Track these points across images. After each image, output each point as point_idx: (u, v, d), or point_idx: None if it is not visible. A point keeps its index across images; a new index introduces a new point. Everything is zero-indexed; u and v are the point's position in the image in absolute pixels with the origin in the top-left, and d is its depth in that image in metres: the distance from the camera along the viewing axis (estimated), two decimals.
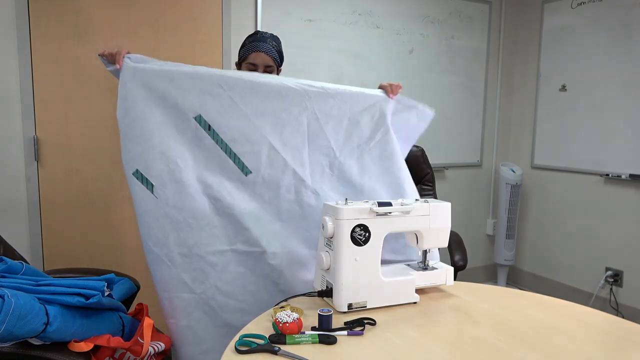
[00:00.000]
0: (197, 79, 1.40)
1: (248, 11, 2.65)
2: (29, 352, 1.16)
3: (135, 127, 1.37)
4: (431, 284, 1.37)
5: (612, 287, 3.02)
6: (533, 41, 3.49)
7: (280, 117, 1.46)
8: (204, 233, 1.41)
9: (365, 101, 1.55)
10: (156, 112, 1.38)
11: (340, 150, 1.52)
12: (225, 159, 1.42)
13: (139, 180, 1.37)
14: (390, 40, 3.10)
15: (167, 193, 1.39)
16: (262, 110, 1.44)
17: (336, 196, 1.51)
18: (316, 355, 1.01)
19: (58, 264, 2.28)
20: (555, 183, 3.36)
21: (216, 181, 1.42)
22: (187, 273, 1.40)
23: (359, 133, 1.54)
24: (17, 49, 2.16)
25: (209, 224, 1.42)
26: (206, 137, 1.40)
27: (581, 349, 1.05)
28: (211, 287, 1.43)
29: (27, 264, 1.37)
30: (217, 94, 1.40)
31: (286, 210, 1.48)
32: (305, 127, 1.48)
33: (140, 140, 1.37)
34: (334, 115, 1.51)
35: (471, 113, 3.50)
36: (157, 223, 1.39)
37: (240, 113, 1.41)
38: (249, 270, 1.46)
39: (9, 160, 2.20)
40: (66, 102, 2.28)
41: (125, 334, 1.38)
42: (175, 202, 1.39)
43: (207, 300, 1.43)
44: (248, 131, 1.43)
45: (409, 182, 1.60)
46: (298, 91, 1.47)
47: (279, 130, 1.45)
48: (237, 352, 1.01)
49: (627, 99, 2.88)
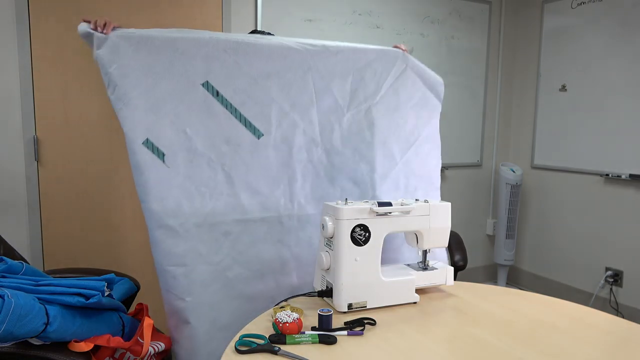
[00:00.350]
0: (202, 45, 1.38)
1: (248, 11, 2.65)
2: (29, 352, 1.16)
3: (142, 98, 1.34)
4: (431, 284, 1.37)
5: (612, 287, 3.02)
6: (533, 41, 3.49)
7: (285, 77, 1.45)
8: (217, 202, 1.39)
9: (367, 56, 1.57)
10: (163, 81, 1.36)
11: (348, 106, 1.53)
12: (237, 123, 1.41)
13: (149, 149, 1.34)
14: (390, 40, 3.10)
15: (179, 162, 1.36)
16: (268, 71, 1.43)
17: (348, 152, 1.51)
18: (316, 355, 1.01)
19: (58, 264, 2.28)
20: (555, 183, 3.36)
21: (229, 149, 1.41)
22: (203, 244, 1.38)
23: (364, 88, 1.56)
24: (17, 49, 2.16)
25: (222, 192, 1.40)
26: (215, 103, 1.39)
27: (581, 349, 1.05)
28: (226, 257, 1.41)
29: (27, 264, 1.37)
30: (222, 59, 1.39)
31: (300, 170, 1.48)
32: (312, 86, 1.49)
33: (149, 112, 1.34)
34: (338, 72, 1.52)
35: (471, 113, 3.50)
36: (170, 193, 1.35)
37: (246, 76, 1.41)
38: (263, 237, 1.45)
39: (9, 160, 2.20)
40: (66, 102, 2.28)
41: (125, 334, 1.38)
42: (187, 171, 1.37)
43: (224, 271, 1.41)
44: (256, 94, 1.42)
45: (417, 133, 1.61)
46: (300, 51, 1.47)
47: (286, 91, 1.45)
48: (237, 352, 1.01)
49: (627, 99, 2.88)
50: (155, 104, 1.35)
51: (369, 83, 1.56)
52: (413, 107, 1.65)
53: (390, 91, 1.59)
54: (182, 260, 1.36)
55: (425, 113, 1.67)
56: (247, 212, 1.43)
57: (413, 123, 1.64)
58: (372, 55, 1.58)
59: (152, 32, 1.36)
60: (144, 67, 1.33)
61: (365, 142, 1.55)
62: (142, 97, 1.33)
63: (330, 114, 1.52)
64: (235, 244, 1.42)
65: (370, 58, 1.57)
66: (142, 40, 1.34)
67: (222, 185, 1.40)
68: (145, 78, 1.34)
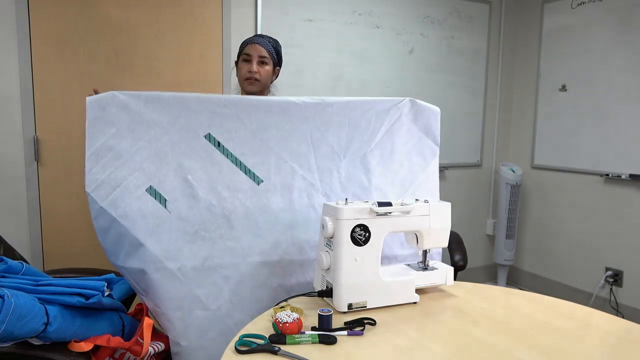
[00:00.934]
0: (204, 101, 1.46)
1: (248, 11, 2.65)
2: (29, 352, 1.16)
3: (147, 149, 1.41)
4: (431, 284, 1.37)
5: (612, 287, 3.02)
6: (533, 41, 3.49)
7: (284, 128, 1.52)
8: (217, 245, 1.41)
9: (362, 106, 1.62)
10: (168, 133, 1.43)
11: (344, 153, 1.58)
12: (237, 171, 1.47)
13: (152, 195, 1.39)
14: (390, 40, 3.10)
15: (180, 207, 1.40)
16: (266, 124, 1.50)
17: (348, 197, 1.56)
18: (316, 355, 1.01)
19: (58, 264, 2.28)
20: (555, 183, 3.36)
21: (229, 194, 1.45)
22: (201, 288, 1.38)
23: (360, 136, 1.61)
24: (17, 49, 2.16)
25: (222, 236, 1.42)
26: (217, 153, 1.46)
27: (581, 349, 1.05)
28: (226, 303, 1.40)
29: (27, 264, 1.37)
30: (224, 113, 1.47)
31: (301, 215, 1.51)
32: (309, 136, 1.55)
33: (155, 160, 1.41)
34: (334, 122, 1.58)
35: (471, 113, 3.50)
36: (169, 236, 1.38)
37: (246, 129, 1.48)
38: (263, 282, 1.45)
39: (9, 160, 2.20)
40: (66, 102, 2.28)
41: (125, 334, 1.38)
42: (188, 215, 1.40)
43: (223, 318, 1.40)
44: (255, 145, 1.49)
45: (411, 178, 1.64)
46: (297, 104, 1.54)
47: (284, 141, 1.52)
48: (237, 352, 1.01)
49: (627, 99, 2.88)
50: (160, 153, 1.42)
51: (364, 132, 1.62)
52: (408, 153, 1.69)
53: (385, 138, 1.64)
54: (179, 304, 1.37)
55: (420, 159, 1.70)
56: (248, 255, 1.44)
57: (408, 168, 1.67)
58: (367, 105, 1.63)
59: (159, 93, 1.45)
60: (152, 120, 1.42)
61: (363, 187, 1.59)
62: (147, 148, 1.41)
63: (328, 161, 1.57)
64: (237, 288, 1.42)
65: (365, 108, 1.62)
66: (151, 98, 1.42)
67: (222, 228, 1.43)
68: (152, 130, 1.42)
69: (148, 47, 2.40)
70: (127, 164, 1.38)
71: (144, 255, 1.34)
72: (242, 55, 1.84)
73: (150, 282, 1.35)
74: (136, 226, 1.35)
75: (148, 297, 1.38)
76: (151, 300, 1.37)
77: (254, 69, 1.80)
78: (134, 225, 1.35)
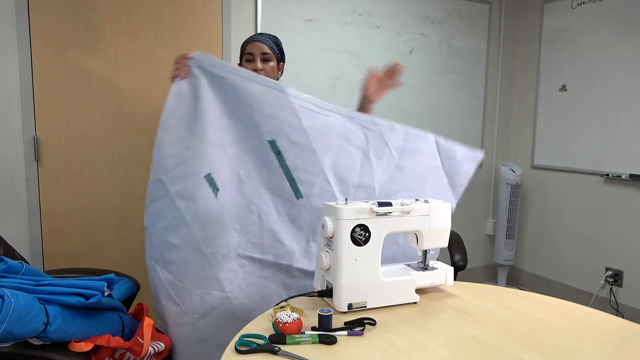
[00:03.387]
0: (278, 107, 1.51)
1: (248, 11, 2.65)
2: (29, 352, 1.16)
3: (215, 135, 1.48)
4: (431, 284, 1.37)
5: (612, 287, 3.02)
6: (533, 41, 3.49)
7: (340, 154, 1.58)
8: (243, 238, 1.53)
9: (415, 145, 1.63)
10: (236, 127, 1.52)
11: (380, 191, 1.62)
12: (284, 180, 1.54)
13: (208, 182, 1.47)
14: (390, 40, 3.10)
15: (226, 199, 1.49)
16: (327, 146, 1.55)
17: None
18: (316, 355, 1.01)
19: (58, 264, 2.28)
20: (555, 183, 3.36)
21: (269, 198, 1.55)
22: (223, 272, 1.49)
23: (399, 178, 1.63)
24: (17, 49, 2.16)
25: (250, 232, 1.53)
26: (274, 159, 1.53)
27: (581, 349, 1.05)
28: (237, 287, 1.52)
29: (27, 264, 1.37)
30: (294, 125, 1.52)
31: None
32: (358, 167, 1.60)
33: (216, 149, 1.49)
34: (384, 160, 1.61)
35: (471, 113, 3.50)
36: (212, 224, 1.47)
37: (309, 146, 1.53)
38: (268, 277, 1.56)
39: (9, 160, 2.20)
40: (66, 102, 2.28)
41: (125, 334, 1.38)
42: (231, 207, 1.50)
43: (232, 300, 1.51)
44: (310, 163, 1.54)
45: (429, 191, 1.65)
46: (358, 135, 1.59)
47: (335, 166, 1.57)
48: (237, 352, 1.01)
49: (628, 98, 2.88)
50: (224, 143, 1.50)
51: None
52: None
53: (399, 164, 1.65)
54: (203, 284, 1.48)
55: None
56: (265, 253, 1.55)
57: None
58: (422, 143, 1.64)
59: (235, 71, 1.52)
60: (226, 110, 1.50)
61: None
62: (215, 133, 1.48)
63: (365, 195, 1.61)
64: (247, 276, 1.54)
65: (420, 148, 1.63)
66: (233, 87, 1.49)
67: (253, 226, 1.53)
68: (223, 118, 1.50)
69: (148, 47, 2.40)
70: (195, 145, 1.46)
71: (185, 234, 1.45)
72: (244, 55, 1.84)
73: (184, 259, 1.46)
74: (187, 207, 1.45)
75: (171, 270, 1.47)
76: (175, 274, 1.47)
77: (259, 66, 1.79)
78: (186, 206, 1.45)
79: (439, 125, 3.29)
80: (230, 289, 1.51)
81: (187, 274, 1.47)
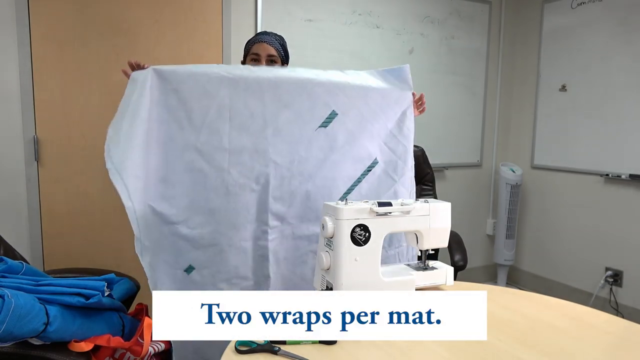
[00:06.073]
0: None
1: (248, 11, 2.65)
2: (29, 352, 1.16)
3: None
4: (431, 284, 1.37)
5: (612, 287, 3.02)
6: (533, 41, 3.49)
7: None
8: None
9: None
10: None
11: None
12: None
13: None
14: (390, 40, 3.10)
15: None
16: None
17: None
18: (316, 355, 1.01)
19: (58, 264, 2.28)
20: (555, 183, 3.36)
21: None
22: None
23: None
24: (17, 49, 2.16)
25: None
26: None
27: (581, 349, 1.05)
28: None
29: (27, 264, 1.37)
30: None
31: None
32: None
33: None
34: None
35: (471, 113, 3.50)
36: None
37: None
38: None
39: (9, 160, 2.20)
40: (66, 102, 2.28)
41: (125, 334, 1.38)
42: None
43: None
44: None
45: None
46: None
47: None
48: (237, 352, 1.02)
49: (628, 99, 2.88)
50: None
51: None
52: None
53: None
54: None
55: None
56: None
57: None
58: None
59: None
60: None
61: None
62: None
63: None
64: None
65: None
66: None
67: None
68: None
69: (148, 47, 2.40)
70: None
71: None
72: (249, 55, 1.81)
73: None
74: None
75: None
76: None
77: None
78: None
79: (439, 125, 3.29)
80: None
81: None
